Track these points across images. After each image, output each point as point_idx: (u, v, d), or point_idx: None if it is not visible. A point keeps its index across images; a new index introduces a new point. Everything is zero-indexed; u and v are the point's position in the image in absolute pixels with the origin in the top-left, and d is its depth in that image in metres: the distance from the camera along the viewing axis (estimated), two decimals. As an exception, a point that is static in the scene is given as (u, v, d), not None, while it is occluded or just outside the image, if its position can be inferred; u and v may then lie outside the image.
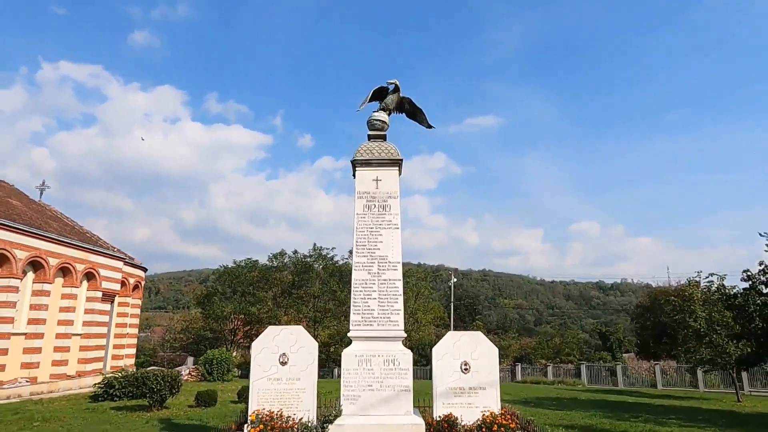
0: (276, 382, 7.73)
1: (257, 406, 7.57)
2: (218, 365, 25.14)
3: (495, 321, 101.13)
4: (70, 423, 11.97)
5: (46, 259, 18.87)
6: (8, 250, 17.05)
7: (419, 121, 9.67)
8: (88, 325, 21.53)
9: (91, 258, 21.59)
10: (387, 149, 8.83)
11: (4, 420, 12.28)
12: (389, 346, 7.85)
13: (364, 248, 8.35)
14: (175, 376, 14.94)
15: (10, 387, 17.05)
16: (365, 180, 8.72)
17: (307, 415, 7.50)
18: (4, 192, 21.69)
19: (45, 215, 22.29)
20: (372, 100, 9.46)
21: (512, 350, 50.82)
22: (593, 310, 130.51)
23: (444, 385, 7.94)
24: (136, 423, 12.01)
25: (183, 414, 13.68)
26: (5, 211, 18.39)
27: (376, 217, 8.50)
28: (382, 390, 7.55)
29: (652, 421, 13.57)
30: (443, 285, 67.72)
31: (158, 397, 14.24)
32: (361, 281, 8.18)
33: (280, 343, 7.92)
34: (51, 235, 19.28)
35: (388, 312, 8.01)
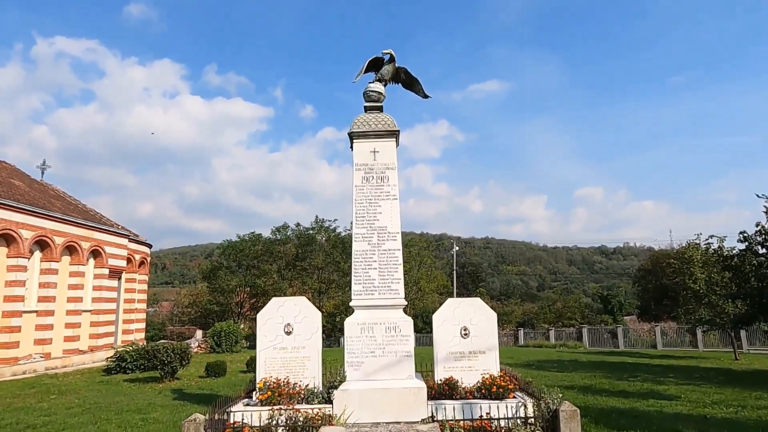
0: (282, 351, 7.98)
1: (264, 374, 7.84)
2: (226, 337, 25.69)
3: (498, 288, 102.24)
4: (86, 395, 12.39)
5: (52, 238, 19.11)
6: (14, 231, 17.27)
7: (415, 91, 9.63)
8: (97, 302, 21.95)
9: (96, 236, 21.84)
10: (383, 120, 8.84)
11: (22, 393, 12.71)
12: (390, 314, 8.05)
13: (363, 219, 8.47)
14: (184, 348, 15.34)
15: (25, 363, 17.54)
16: (363, 152, 8.76)
17: (313, 381, 7.77)
18: (6, 173, 21.77)
19: (48, 195, 22.43)
20: (368, 71, 9.41)
21: (515, 316, 51.60)
22: (596, 274, 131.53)
23: (444, 350, 8.19)
24: (149, 394, 12.42)
25: (194, 384, 14.11)
26: (8, 191, 18.53)
27: (374, 189, 8.58)
28: (385, 356, 7.79)
29: (650, 380, 13.94)
30: (446, 254, 68.18)
31: (169, 368, 14.66)
32: (362, 252, 8.32)
33: (284, 314, 8.14)
34: (55, 214, 19.47)
35: (388, 281, 8.18)
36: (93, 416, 9.58)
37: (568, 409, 6.50)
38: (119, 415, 9.66)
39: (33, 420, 9.34)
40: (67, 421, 9.22)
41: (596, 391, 11.91)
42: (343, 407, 7.17)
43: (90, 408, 10.47)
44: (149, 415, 9.50)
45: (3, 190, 18.33)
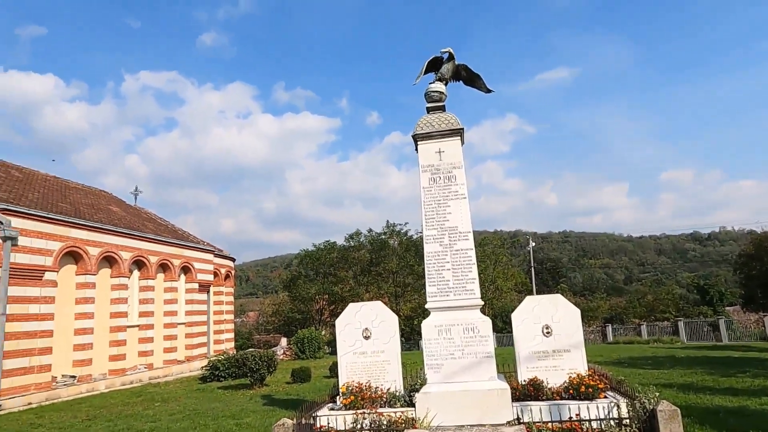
0: (362, 355, 8.10)
1: (347, 378, 7.99)
2: (309, 344, 26.49)
3: (581, 283, 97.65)
4: (185, 402, 13.26)
5: (147, 257, 20.70)
6: (115, 252, 18.90)
7: (477, 86, 9.47)
8: (190, 314, 23.48)
9: (185, 253, 23.40)
10: (447, 120, 8.76)
11: (131, 402, 13.85)
12: (467, 314, 7.92)
13: (433, 221, 8.42)
14: (271, 356, 16.00)
15: (131, 373, 19.10)
16: (428, 153, 8.73)
17: (394, 384, 7.82)
18: (105, 200, 23.92)
19: (141, 218, 24.36)
20: (427, 72, 9.37)
21: (601, 311, 48.98)
22: (689, 263, 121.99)
23: (526, 349, 7.93)
24: (241, 400, 13.07)
25: (281, 390, 14.67)
26: (108, 217, 20.34)
27: (442, 189, 8.51)
28: (464, 357, 7.67)
29: (763, 376, 12.67)
30: (522, 250, 66.18)
31: (258, 375, 15.35)
32: (434, 253, 8.27)
33: (361, 319, 8.27)
34: (149, 235, 21.09)
35: (463, 282, 8.06)
36: (192, 422, 10.23)
37: (667, 408, 6.06)
38: (215, 420, 10.24)
39: (141, 426, 10.14)
40: (171, 426, 9.91)
41: (698, 389, 11.00)
42: (426, 410, 7.14)
43: (189, 414, 11.20)
44: (242, 420, 9.99)
45: (104, 216, 20.15)
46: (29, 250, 15.28)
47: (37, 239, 15.63)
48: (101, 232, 18.35)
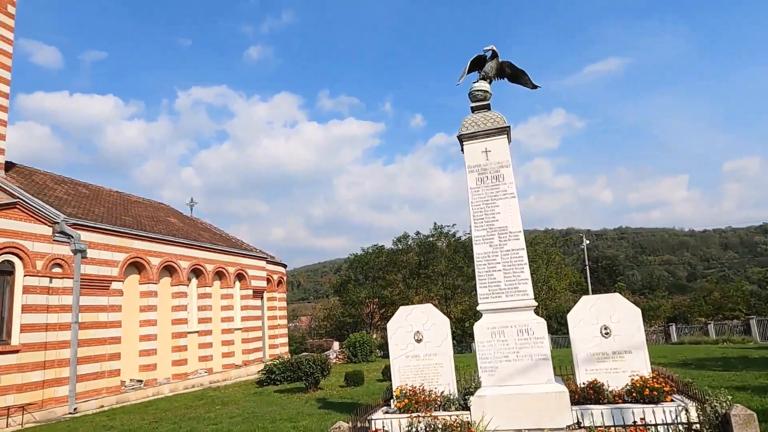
0: (414, 358, 8.08)
1: (400, 382, 8.00)
2: (361, 347, 26.70)
3: (640, 281, 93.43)
4: (244, 405, 13.67)
5: (204, 266, 21.53)
6: (174, 262, 19.78)
7: (523, 83, 9.28)
8: (245, 320, 24.21)
9: (239, 261, 24.17)
10: (492, 119, 8.63)
11: (193, 405, 14.41)
12: (520, 316, 7.76)
13: (482, 221, 8.31)
14: (324, 360, 16.24)
15: (193, 377, 19.89)
16: (474, 153, 8.62)
17: (448, 388, 7.76)
18: (163, 212, 25.08)
19: (197, 228, 25.37)
20: (471, 71, 9.26)
21: (664, 310, 46.72)
22: (759, 257, 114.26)
23: (584, 351, 7.68)
24: (297, 403, 13.33)
25: (336, 393, 14.85)
26: (167, 228, 21.31)
27: (490, 189, 8.39)
28: (519, 360, 7.51)
29: None
30: (575, 249, 64.12)
31: (312, 379, 15.61)
32: (484, 254, 8.16)
33: (412, 322, 8.26)
34: (205, 244, 21.94)
35: (515, 282, 7.90)
36: (251, 425, 10.52)
37: (741, 413, 5.70)
38: (273, 423, 10.48)
39: (204, 428, 10.53)
40: (231, 429, 10.24)
41: (776, 392, 10.27)
42: (481, 414, 7.04)
43: (248, 417, 11.53)
44: (299, 423, 10.18)
45: (163, 227, 21.14)
46: (97, 262, 16.24)
47: (104, 251, 16.58)
48: (161, 242, 19.26)
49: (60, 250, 15.05)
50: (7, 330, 13.55)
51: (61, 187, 19.61)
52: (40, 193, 17.00)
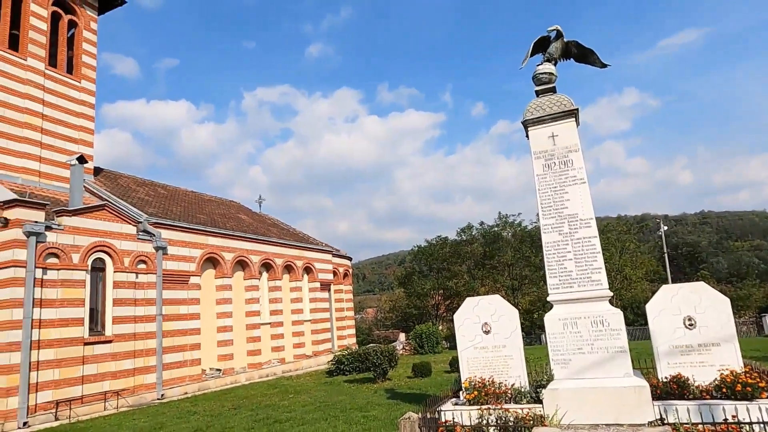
0: (482, 350, 7.97)
1: (468, 373, 7.92)
2: (427, 339, 26.72)
3: (726, 268, 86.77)
4: (315, 394, 14.10)
5: (274, 260, 22.34)
6: (246, 257, 20.67)
7: (591, 62, 8.83)
8: (314, 312, 24.91)
9: (306, 255, 24.87)
10: (558, 101, 8.28)
11: (268, 393, 15.05)
12: (594, 306, 7.43)
13: (550, 209, 8.01)
14: (391, 351, 16.40)
15: (266, 367, 20.77)
16: (540, 138, 8.32)
17: (518, 380, 7.59)
18: (234, 210, 26.26)
19: (266, 223, 26.34)
20: (534, 54, 8.94)
21: (755, 300, 43.12)
22: None
23: (666, 343, 7.23)
24: (366, 393, 13.56)
25: (404, 384, 14.96)
26: (238, 225, 22.30)
27: (558, 175, 8.07)
28: (594, 352, 7.20)
29: None
30: (651, 236, 60.52)
31: (381, 370, 15.82)
32: (553, 243, 7.87)
33: (480, 313, 8.14)
34: (274, 239, 22.75)
35: (587, 272, 7.57)
36: (323, 413, 10.83)
37: None
38: (344, 412, 10.73)
39: (279, 415, 10.96)
40: (304, 417, 10.59)
41: None
42: (555, 407, 6.83)
43: (320, 406, 11.87)
44: (369, 413, 10.35)
45: (235, 224, 22.14)
46: (176, 258, 17.28)
47: (182, 248, 17.61)
48: (234, 238, 20.19)
49: (144, 248, 16.14)
50: (101, 322, 14.75)
51: (142, 189, 21.02)
52: (124, 196, 18.31)
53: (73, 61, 19.05)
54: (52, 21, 18.33)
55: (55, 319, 13.28)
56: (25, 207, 13.06)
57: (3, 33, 16.81)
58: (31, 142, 16.68)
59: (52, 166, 17.12)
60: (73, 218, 14.17)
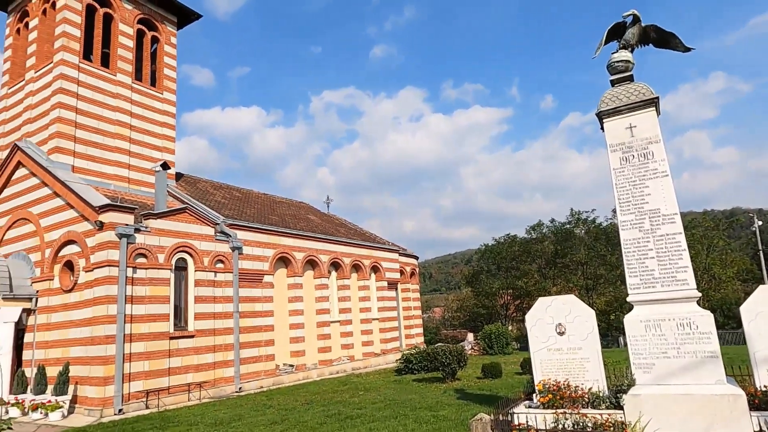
0: (557, 352, 7.70)
1: (541, 376, 7.68)
2: (497, 339, 26.18)
3: (834, 267, 78.05)
4: (384, 392, 14.23)
5: (342, 259, 22.79)
6: (316, 256, 21.24)
7: (672, 47, 8.26)
8: (381, 311, 25.15)
9: (373, 254, 25.16)
10: (636, 90, 7.82)
11: (338, 390, 15.38)
12: (680, 308, 6.94)
13: (629, 204, 7.59)
14: (460, 351, 16.23)
15: (336, 364, 21.22)
16: (616, 130, 7.90)
17: (596, 384, 7.26)
18: (304, 211, 27.06)
19: (334, 223, 26.93)
20: (608, 41, 8.50)
21: None
22: None
23: (765, 349, 6.64)
24: (435, 392, 13.51)
25: (473, 385, 14.76)
26: (308, 225, 22.95)
27: (637, 169, 7.62)
28: (680, 357, 6.73)
29: None
30: (743, 232, 55.78)
31: (450, 370, 15.69)
32: (632, 241, 7.45)
33: (553, 314, 7.87)
34: (341, 239, 23.21)
35: (671, 271, 7.10)
36: (393, 411, 10.90)
37: None
38: (414, 411, 10.75)
39: (350, 412, 11.17)
40: (374, 414, 10.72)
41: None
42: (637, 414, 6.46)
43: (389, 404, 11.97)
44: (438, 413, 10.30)
45: (304, 224, 22.81)
46: (251, 257, 18.07)
47: (256, 248, 18.39)
48: (304, 238, 20.81)
49: (221, 248, 17.02)
50: (184, 318, 15.72)
51: (219, 192, 22.17)
52: (203, 199, 19.40)
53: (155, 75, 20.46)
54: (137, 38, 19.78)
55: (144, 315, 14.31)
56: (117, 211, 14.18)
57: (96, 52, 18.36)
58: (122, 152, 18.10)
59: (139, 172, 18.49)
60: (158, 221, 15.21)
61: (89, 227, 14.30)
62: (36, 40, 18.51)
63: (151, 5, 20.22)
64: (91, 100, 17.58)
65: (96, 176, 17.08)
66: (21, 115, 18.22)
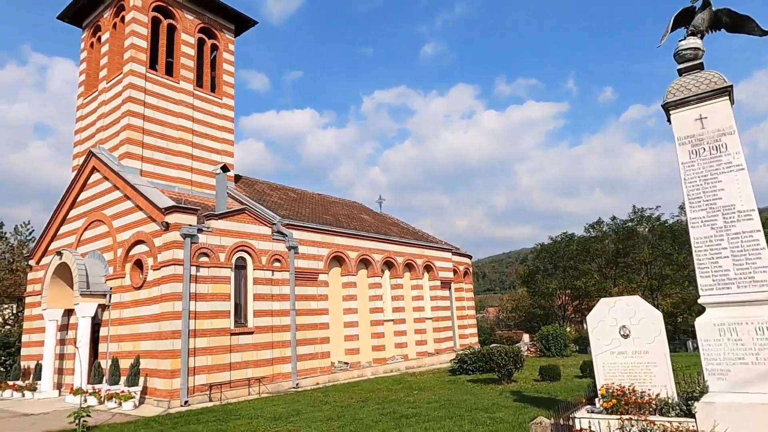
0: (621, 355, 7.37)
1: (604, 380, 7.38)
2: (554, 341, 25.43)
3: None
4: (439, 392, 14.14)
5: (395, 258, 22.86)
6: (369, 255, 21.42)
7: (748, 31, 7.71)
8: (435, 310, 25.02)
9: (426, 253, 25.06)
10: (707, 79, 7.35)
11: (393, 388, 15.43)
12: (758, 311, 6.47)
13: (699, 200, 7.15)
14: (517, 352, 15.88)
15: (390, 363, 21.31)
16: (685, 122, 7.47)
17: (664, 390, 6.89)
18: (357, 210, 27.35)
19: (386, 223, 27.04)
20: (675, 28, 8.05)
21: None
22: None
23: None
24: (491, 394, 13.28)
25: (530, 387, 14.40)
26: (361, 225, 23.18)
27: (708, 162, 7.17)
28: (760, 363, 6.28)
29: None
30: (830, 229, 51.16)
31: (505, 371, 15.39)
32: (704, 239, 7.01)
33: (617, 315, 7.54)
34: (394, 238, 23.28)
35: (748, 271, 6.62)
36: (448, 411, 10.82)
37: None
38: (469, 412, 10.62)
39: (404, 411, 11.18)
40: (429, 414, 10.67)
41: None
42: (711, 423, 6.08)
43: (444, 404, 11.88)
44: (495, 415, 10.12)
45: (357, 224, 23.06)
46: (306, 256, 18.46)
47: (311, 247, 18.77)
48: (357, 238, 21.03)
49: (278, 247, 17.49)
50: (244, 315, 16.28)
51: (275, 193, 22.80)
52: (260, 200, 20.02)
53: (215, 81, 21.33)
54: (198, 46, 20.69)
55: (206, 311, 14.94)
56: (181, 212, 14.89)
57: (161, 61, 19.36)
58: (185, 155, 18.99)
59: (200, 175, 19.33)
60: (219, 221, 15.83)
61: (156, 228, 15.10)
62: (107, 52, 19.74)
63: (210, 14, 21.09)
64: (156, 107, 18.56)
65: (161, 179, 18.01)
66: (95, 123, 19.50)
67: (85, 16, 21.35)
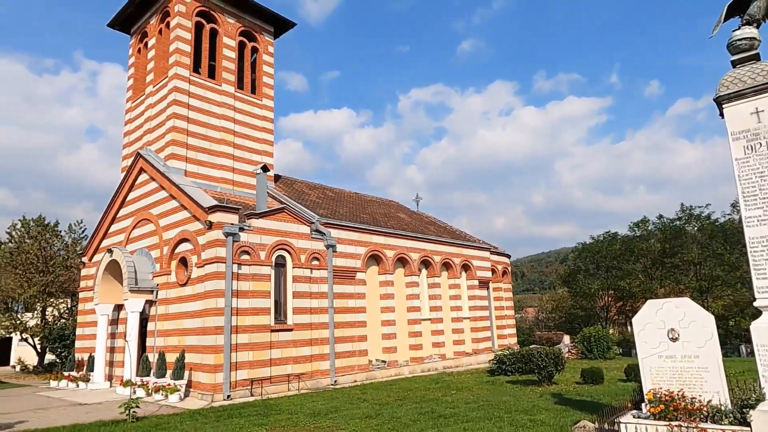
0: (669, 359, 7.10)
1: (651, 384, 7.13)
2: (597, 343, 24.73)
3: None
4: (477, 392, 14.00)
5: (432, 257, 22.76)
6: (406, 254, 21.41)
7: (808, 18, 7.27)
8: (473, 310, 24.78)
9: (463, 252, 24.85)
10: (764, 70, 6.98)
11: (430, 387, 15.38)
12: (822, 315, 6.11)
13: (755, 198, 6.80)
14: (558, 353, 15.53)
15: (428, 362, 21.24)
16: (739, 116, 7.11)
17: (717, 397, 6.60)
18: (394, 209, 27.38)
19: (423, 221, 26.96)
20: (728, 17, 7.68)
21: None
22: None
23: None
24: (531, 396, 13.04)
25: (572, 390, 14.05)
26: (398, 224, 23.20)
27: (765, 158, 6.80)
28: (823, 371, 5.92)
29: None
30: None
31: (546, 373, 15.08)
32: (760, 239, 6.67)
33: (665, 318, 7.27)
34: (431, 237, 23.19)
35: (810, 273, 6.26)
36: (487, 412, 10.69)
37: None
38: (509, 414, 10.46)
39: (442, 410, 11.13)
40: (468, 414, 10.58)
41: None
42: (768, 433, 5.77)
43: (483, 405, 11.75)
44: (535, 417, 9.93)
45: (394, 223, 23.09)
46: (344, 255, 18.63)
47: (349, 245, 18.92)
48: (394, 236, 21.07)
49: (316, 246, 17.73)
50: (283, 312, 16.59)
51: (313, 192, 23.10)
52: (299, 199, 20.33)
53: (255, 83, 21.79)
54: (239, 49, 21.19)
55: (248, 308, 15.30)
56: (223, 211, 15.30)
57: (204, 65, 19.93)
58: (226, 156, 19.50)
59: (241, 175, 19.80)
60: (259, 220, 16.18)
61: (200, 226, 15.57)
62: (154, 57, 20.48)
63: (250, 17, 21.57)
64: (200, 110, 19.13)
65: (204, 179, 18.56)
66: (142, 126, 20.28)
67: (133, 23, 22.22)
